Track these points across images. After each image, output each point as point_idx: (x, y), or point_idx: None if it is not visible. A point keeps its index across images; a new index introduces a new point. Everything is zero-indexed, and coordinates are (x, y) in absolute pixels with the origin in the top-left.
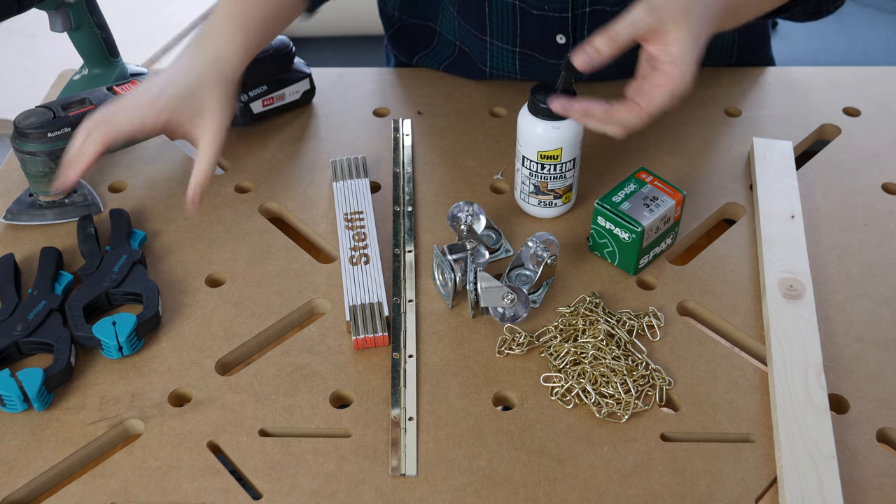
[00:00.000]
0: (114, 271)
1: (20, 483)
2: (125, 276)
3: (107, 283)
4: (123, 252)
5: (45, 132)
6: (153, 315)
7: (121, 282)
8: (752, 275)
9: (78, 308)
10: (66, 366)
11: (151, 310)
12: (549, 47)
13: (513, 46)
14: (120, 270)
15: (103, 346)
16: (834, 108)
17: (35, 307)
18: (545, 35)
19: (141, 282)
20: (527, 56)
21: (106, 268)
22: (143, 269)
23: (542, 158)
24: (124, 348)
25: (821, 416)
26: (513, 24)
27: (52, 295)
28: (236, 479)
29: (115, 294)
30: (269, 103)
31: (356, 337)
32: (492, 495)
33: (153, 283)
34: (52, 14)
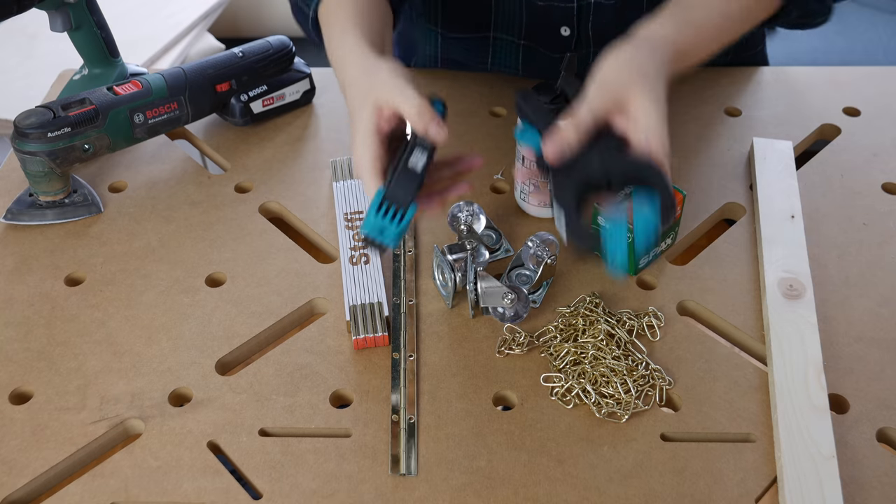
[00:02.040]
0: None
1: (20, 483)
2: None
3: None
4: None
5: (45, 132)
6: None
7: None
8: (752, 275)
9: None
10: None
11: (666, 194)
12: (554, 40)
13: (517, 39)
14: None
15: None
16: (834, 108)
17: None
18: (550, 27)
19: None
20: (530, 49)
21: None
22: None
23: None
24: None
25: (821, 416)
26: (519, 16)
27: None
28: (236, 479)
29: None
30: (269, 103)
31: (356, 337)
32: (492, 495)
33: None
34: (52, 14)
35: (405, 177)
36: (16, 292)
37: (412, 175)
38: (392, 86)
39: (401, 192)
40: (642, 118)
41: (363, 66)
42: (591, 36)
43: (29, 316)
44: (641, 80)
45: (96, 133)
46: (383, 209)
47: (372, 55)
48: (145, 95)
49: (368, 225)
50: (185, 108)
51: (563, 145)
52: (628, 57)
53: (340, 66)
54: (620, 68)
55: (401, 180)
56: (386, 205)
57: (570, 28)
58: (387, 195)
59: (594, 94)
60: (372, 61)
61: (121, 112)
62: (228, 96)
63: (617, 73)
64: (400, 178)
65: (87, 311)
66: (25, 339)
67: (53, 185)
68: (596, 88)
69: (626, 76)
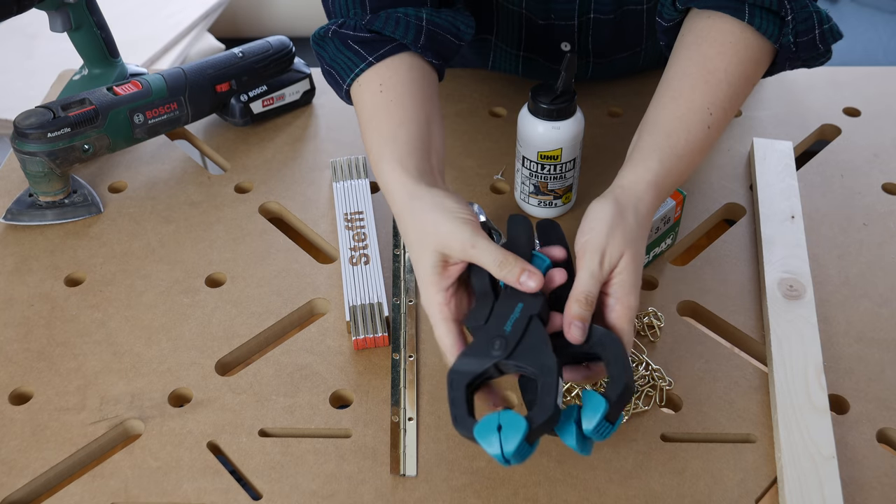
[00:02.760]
0: (505, 330)
1: (20, 483)
2: (520, 338)
3: (497, 350)
4: (519, 299)
5: (45, 132)
6: (546, 417)
7: (513, 348)
8: (752, 275)
9: (460, 387)
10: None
11: (545, 407)
12: (554, 54)
13: (517, 51)
14: (514, 328)
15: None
16: (834, 108)
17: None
18: (551, 42)
19: (536, 353)
20: (530, 59)
21: (497, 321)
22: (541, 328)
23: (542, 159)
24: (512, 460)
25: (821, 416)
26: (518, 31)
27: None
28: (236, 480)
29: (505, 365)
30: (269, 103)
31: (356, 337)
32: (492, 495)
33: (551, 361)
34: (52, 14)
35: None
36: (16, 292)
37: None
38: (457, 237)
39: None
40: (616, 282)
41: (401, 203)
42: (591, 49)
43: (29, 316)
44: (627, 246)
45: (96, 133)
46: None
47: (409, 185)
48: (145, 96)
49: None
50: (185, 108)
51: (582, 327)
52: (616, 221)
53: (385, 195)
54: (612, 235)
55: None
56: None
57: (571, 43)
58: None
59: (595, 265)
60: (410, 194)
61: (121, 112)
62: (228, 96)
63: (609, 240)
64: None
65: (87, 312)
66: (25, 339)
67: (53, 186)
68: (595, 259)
69: (618, 244)
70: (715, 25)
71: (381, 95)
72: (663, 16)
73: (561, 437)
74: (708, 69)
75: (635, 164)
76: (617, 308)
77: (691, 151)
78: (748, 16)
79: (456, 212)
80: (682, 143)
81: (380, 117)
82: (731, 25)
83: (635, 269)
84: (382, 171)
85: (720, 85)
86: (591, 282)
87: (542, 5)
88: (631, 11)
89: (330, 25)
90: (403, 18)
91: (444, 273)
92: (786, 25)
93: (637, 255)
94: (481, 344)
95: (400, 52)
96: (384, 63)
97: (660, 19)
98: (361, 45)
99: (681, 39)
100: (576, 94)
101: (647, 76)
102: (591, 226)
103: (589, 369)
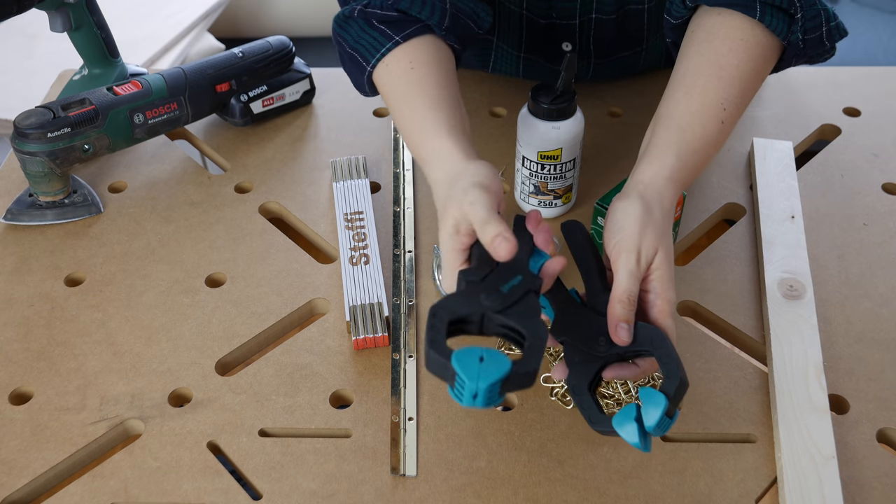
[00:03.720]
0: (501, 289)
1: (20, 483)
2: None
3: (489, 301)
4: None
5: (45, 132)
6: (529, 371)
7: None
8: (752, 275)
9: (443, 319)
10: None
11: (531, 363)
12: (555, 54)
13: (518, 52)
14: (510, 292)
15: (456, 381)
16: (834, 108)
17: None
18: (552, 43)
19: (528, 318)
20: (531, 61)
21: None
22: (536, 302)
23: (542, 158)
24: (480, 397)
25: (821, 416)
26: (518, 32)
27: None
28: (236, 480)
29: (491, 320)
30: (269, 103)
31: (356, 337)
32: (492, 495)
33: (543, 328)
34: (52, 14)
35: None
36: (16, 292)
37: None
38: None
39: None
40: (654, 278)
41: (448, 171)
42: (592, 49)
43: (29, 316)
44: (660, 241)
45: (96, 133)
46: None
47: (458, 157)
48: (145, 96)
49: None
50: (185, 108)
51: (628, 328)
52: (646, 218)
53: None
54: (644, 233)
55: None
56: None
57: (573, 43)
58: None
59: (633, 264)
60: (459, 165)
61: (121, 112)
62: (228, 96)
63: (642, 238)
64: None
65: (87, 312)
66: (25, 339)
67: (53, 186)
68: (632, 258)
69: (651, 241)
70: (726, 22)
71: (414, 72)
72: (672, 13)
73: (623, 435)
74: (720, 65)
75: (652, 160)
76: (658, 303)
77: (706, 146)
78: (759, 13)
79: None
80: (698, 138)
81: (416, 91)
82: (741, 22)
83: (669, 263)
84: (425, 140)
85: (732, 81)
86: (631, 281)
87: (543, 4)
88: (632, 11)
89: (355, 6)
90: (429, 0)
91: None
92: (795, 23)
93: (669, 249)
94: (473, 293)
95: (425, 34)
96: (411, 43)
97: (668, 16)
98: (387, 24)
99: (690, 36)
100: (576, 94)
101: (647, 76)
102: (622, 225)
103: (638, 366)
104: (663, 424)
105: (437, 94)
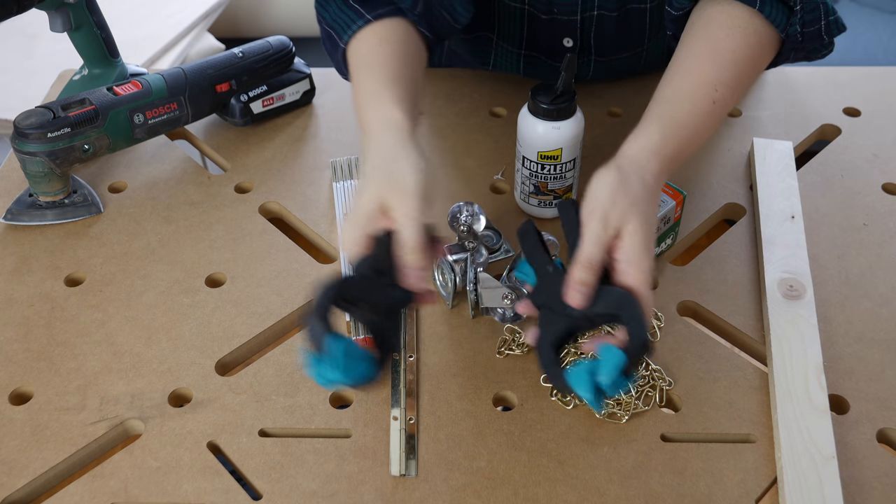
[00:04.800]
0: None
1: (20, 483)
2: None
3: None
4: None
5: (45, 132)
6: (642, 342)
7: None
8: (752, 275)
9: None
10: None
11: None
12: (556, 50)
13: (518, 49)
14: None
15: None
16: (834, 108)
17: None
18: (553, 39)
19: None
20: (532, 58)
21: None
22: (399, 317)
23: (542, 159)
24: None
25: (821, 416)
26: (520, 28)
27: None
28: (236, 480)
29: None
30: (269, 103)
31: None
32: (492, 495)
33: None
34: (52, 14)
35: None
36: (16, 292)
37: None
38: (402, 200)
39: (316, 335)
40: (627, 245)
41: (392, 144)
42: (593, 47)
43: (29, 316)
44: (633, 209)
45: (96, 133)
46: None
47: (400, 140)
48: (145, 96)
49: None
50: (184, 108)
51: (585, 291)
52: (619, 186)
53: (366, 128)
54: (615, 200)
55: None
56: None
57: (574, 39)
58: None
59: (598, 229)
60: (403, 145)
61: (121, 112)
62: (228, 96)
63: (612, 204)
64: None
65: (87, 312)
66: (25, 339)
67: (53, 186)
68: (597, 222)
69: (621, 207)
70: (725, 10)
71: (380, 48)
72: (673, 4)
73: (576, 389)
74: (716, 49)
75: (637, 135)
76: (630, 271)
77: (695, 124)
78: (759, 4)
79: (421, 182)
80: (686, 113)
81: (380, 64)
82: (740, 11)
83: (645, 232)
84: (379, 104)
85: (726, 63)
86: (595, 246)
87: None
88: (635, 10)
89: None
90: None
91: (375, 216)
92: (794, 15)
93: (647, 220)
94: (367, 283)
95: (397, 16)
96: (382, 22)
97: (669, 8)
98: (362, 4)
99: (690, 25)
100: (576, 94)
101: (647, 77)
102: (596, 194)
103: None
104: (619, 384)
105: (399, 73)
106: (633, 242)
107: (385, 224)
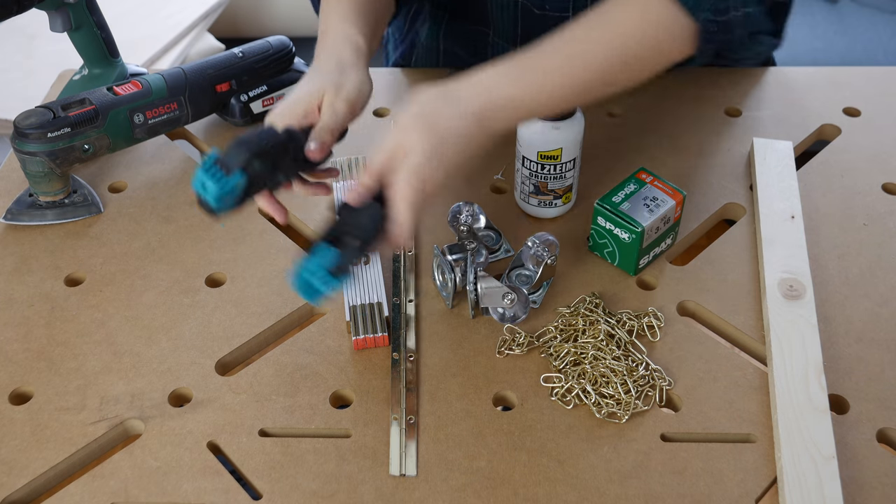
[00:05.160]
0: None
1: (20, 483)
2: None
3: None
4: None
5: (45, 132)
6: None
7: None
8: (752, 275)
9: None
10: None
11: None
12: None
13: (513, 46)
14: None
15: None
16: (834, 108)
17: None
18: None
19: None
20: None
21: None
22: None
23: (542, 158)
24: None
25: (821, 417)
26: (513, 22)
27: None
28: (236, 480)
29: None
30: (269, 103)
31: (356, 337)
32: (492, 495)
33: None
34: (52, 14)
35: (241, 143)
36: (16, 292)
37: (246, 142)
38: (337, 97)
39: (232, 155)
40: (406, 164)
41: (340, 63)
42: None
43: (29, 316)
44: (428, 131)
45: (96, 133)
46: (213, 169)
47: (354, 60)
48: (145, 95)
49: (195, 179)
50: (184, 108)
51: (361, 191)
52: (422, 111)
53: (326, 38)
54: (407, 128)
55: (237, 145)
56: (217, 167)
57: None
58: (220, 157)
59: (376, 158)
60: (350, 66)
61: (121, 112)
62: (228, 96)
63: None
64: (237, 143)
65: (87, 312)
66: (25, 339)
67: (53, 186)
68: (381, 151)
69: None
70: None
71: None
72: None
73: (290, 280)
74: (605, 20)
75: (477, 70)
76: (399, 185)
77: (565, 73)
78: None
79: (356, 93)
80: (554, 63)
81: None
82: None
83: (430, 155)
84: (343, 24)
85: (604, 29)
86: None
87: None
88: None
89: None
90: None
91: (311, 101)
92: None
93: (438, 142)
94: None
95: None
96: None
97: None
98: None
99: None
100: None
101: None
102: (410, 108)
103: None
104: (327, 281)
105: (365, 8)
106: (410, 162)
107: (309, 122)
